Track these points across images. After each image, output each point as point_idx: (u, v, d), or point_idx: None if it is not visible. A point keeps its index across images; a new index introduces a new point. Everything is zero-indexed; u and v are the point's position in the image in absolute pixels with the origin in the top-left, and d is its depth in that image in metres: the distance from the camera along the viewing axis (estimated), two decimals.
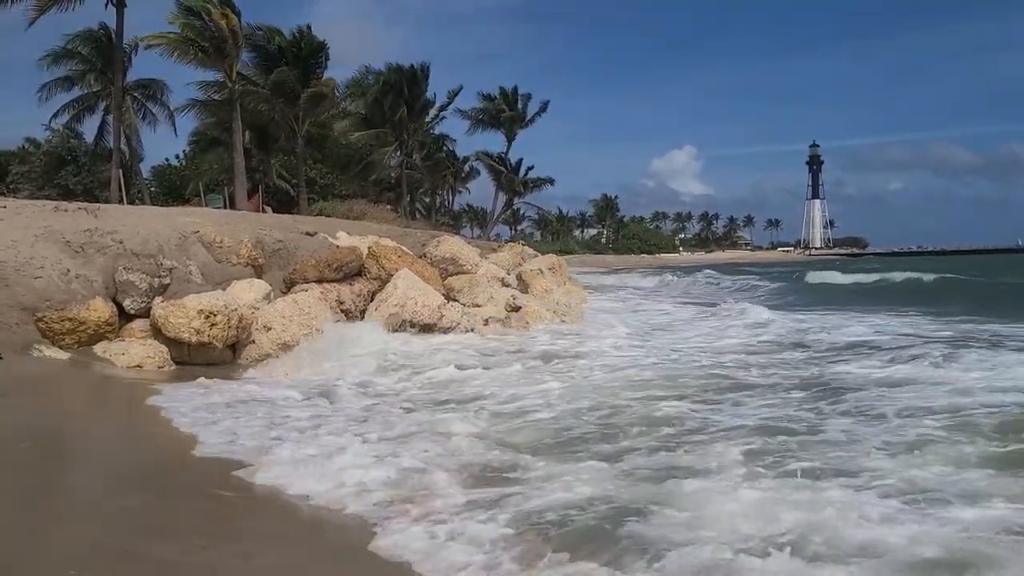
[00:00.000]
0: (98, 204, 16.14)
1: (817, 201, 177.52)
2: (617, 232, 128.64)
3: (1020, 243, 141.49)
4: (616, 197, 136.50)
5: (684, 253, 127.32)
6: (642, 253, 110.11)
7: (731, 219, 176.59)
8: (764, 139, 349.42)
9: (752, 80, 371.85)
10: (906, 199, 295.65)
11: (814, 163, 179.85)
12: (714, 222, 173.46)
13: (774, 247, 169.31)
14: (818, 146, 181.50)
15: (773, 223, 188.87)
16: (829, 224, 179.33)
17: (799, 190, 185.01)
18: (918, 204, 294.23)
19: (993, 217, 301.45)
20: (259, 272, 12.55)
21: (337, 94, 34.53)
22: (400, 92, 43.85)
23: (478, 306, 14.59)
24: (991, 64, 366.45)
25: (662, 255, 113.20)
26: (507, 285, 16.96)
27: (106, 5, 26.59)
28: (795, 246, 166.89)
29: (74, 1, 25.50)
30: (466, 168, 60.32)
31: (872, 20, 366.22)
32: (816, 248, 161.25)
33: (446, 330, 12.35)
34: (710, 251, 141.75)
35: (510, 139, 55.35)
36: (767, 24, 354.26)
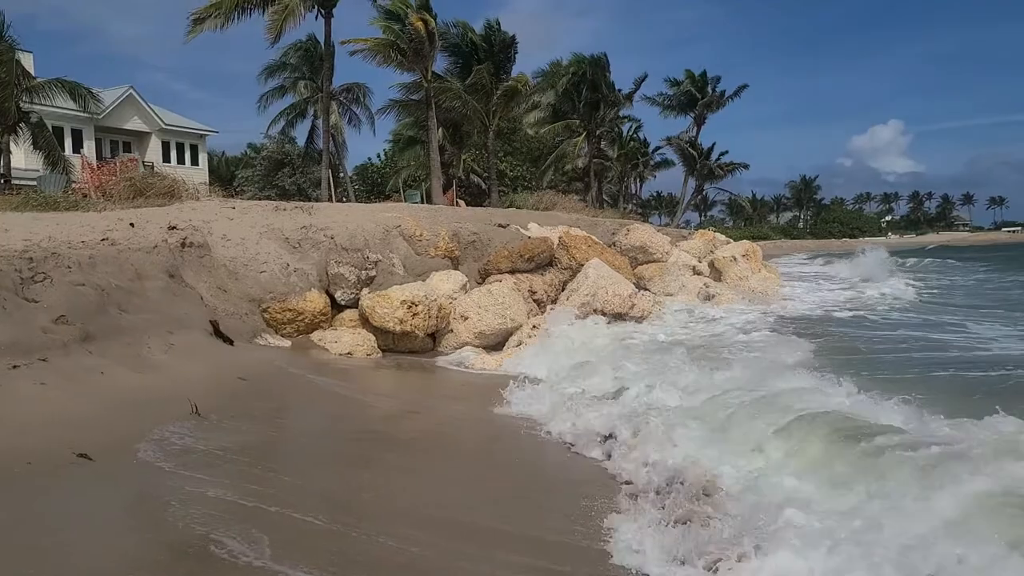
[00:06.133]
0: (311, 203, 17.42)
1: None
2: (816, 215, 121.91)
3: None
4: (816, 179, 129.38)
5: (892, 237, 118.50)
6: (844, 237, 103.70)
7: (945, 198, 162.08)
8: (983, 110, 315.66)
9: (968, 46, 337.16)
10: None
11: None
12: (925, 202, 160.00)
13: (998, 227, 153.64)
14: None
15: (997, 201, 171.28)
16: None
17: None
18: None
19: None
20: (455, 263, 13.06)
21: (528, 88, 35.07)
22: (588, 82, 43.90)
23: (670, 295, 14.38)
24: None
25: (867, 239, 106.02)
26: (698, 273, 16.58)
27: (316, 16, 28.51)
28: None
29: (298, 17, 27.51)
30: (656, 157, 59.52)
31: None
32: None
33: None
34: (922, 233, 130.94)
35: (699, 123, 53.90)
36: None
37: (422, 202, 28.80)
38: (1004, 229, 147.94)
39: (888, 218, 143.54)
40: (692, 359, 8.41)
